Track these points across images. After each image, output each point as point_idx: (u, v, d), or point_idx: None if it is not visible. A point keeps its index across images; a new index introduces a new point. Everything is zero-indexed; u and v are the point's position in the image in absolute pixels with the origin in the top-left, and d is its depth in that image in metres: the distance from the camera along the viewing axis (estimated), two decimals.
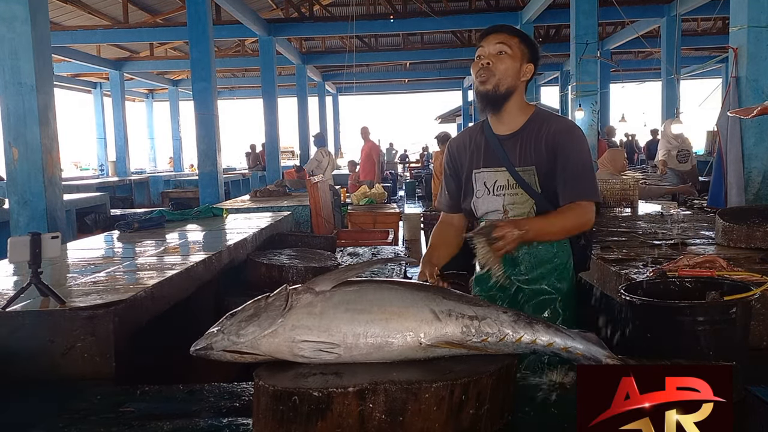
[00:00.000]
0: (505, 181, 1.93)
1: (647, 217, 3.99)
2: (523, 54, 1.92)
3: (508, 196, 1.92)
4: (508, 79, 1.90)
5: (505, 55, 1.89)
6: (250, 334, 1.25)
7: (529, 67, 1.94)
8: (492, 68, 1.89)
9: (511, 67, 1.90)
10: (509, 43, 1.89)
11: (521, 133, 1.93)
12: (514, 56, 1.90)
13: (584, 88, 8.83)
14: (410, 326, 1.25)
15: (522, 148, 1.91)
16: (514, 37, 1.92)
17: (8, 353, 1.86)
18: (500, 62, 1.88)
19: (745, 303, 1.31)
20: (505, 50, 1.89)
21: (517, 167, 1.91)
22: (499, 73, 1.89)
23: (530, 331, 1.26)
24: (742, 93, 4.19)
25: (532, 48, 1.95)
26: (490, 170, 1.98)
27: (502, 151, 1.94)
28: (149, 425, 1.32)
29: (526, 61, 1.93)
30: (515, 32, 1.94)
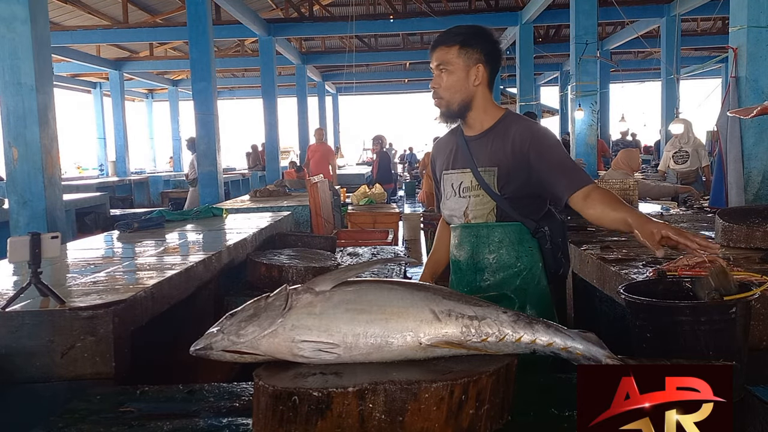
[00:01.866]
0: (470, 183, 1.91)
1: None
2: (467, 60, 1.84)
3: (472, 197, 1.90)
4: (456, 94, 1.85)
5: (445, 72, 1.84)
6: (249, 334, 1.25)
7: (478, 70, 1.85)
8: (437, 90, 1.86)
9: (454, 83, 1.84)
10: (447, 58, 1.83)
11: (488, 134, 1.91)
12: (456, 68, 1.83)
13: (584, 88, 8.83)
14: (410, 326, 1.25)
15: (487, 149, 1.89)
16: (452, 46, 1.84)
17: (8, 353, 1.86)
18: (442, 81, 1.84)
19: (745, 303, 1.31)
20: (445, 66, 1.83)
21: (479, 168, 1.88)
22: (443, 93, 1.85)
23: (530, 331, 1.26)
24: (741, 93, 4.19)
25: (480, 45, 1.85)
26: (457, 171, 1.96)
27: (468, 152, 1.92)
28: (149, 425, 1.32)
29: (473, 65, 1.84)
30: (454, 39, 1.85)
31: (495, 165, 1.86)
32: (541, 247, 1.91)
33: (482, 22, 12.59)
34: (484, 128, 1.91)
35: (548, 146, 1.84)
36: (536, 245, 1.91)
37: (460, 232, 1.97)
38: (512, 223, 1.89)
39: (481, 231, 1.91)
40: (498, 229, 1.89)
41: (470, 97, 1.87)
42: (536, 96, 16.05)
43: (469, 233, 1.93)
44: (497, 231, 1.89)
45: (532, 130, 1.86)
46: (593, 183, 1.78)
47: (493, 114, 1.92)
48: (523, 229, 1.90)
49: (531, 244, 1.90)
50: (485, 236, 1.91)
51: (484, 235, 1.91)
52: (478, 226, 1.91)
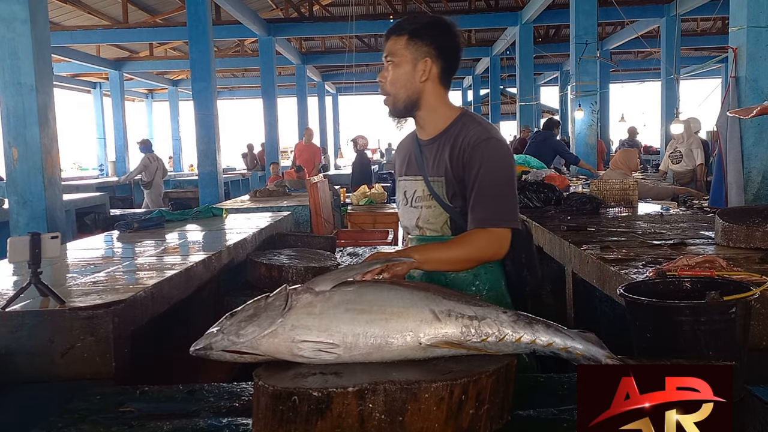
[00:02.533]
0: (422, 192, 1.76)
1: (647, 217, 3.99)
2: (414, 53, 1.68)
3: (424, 208, 1.76)
4: (401, 90, 1.70)
5: (392, 64, 1.69)
6: (249, 334, 1.25)
7: (425, 64, 1.68)
8: (383, 85, 1.72)
9: (399, 76, 1.69)
10: (394, 48, 1.69)
11: (440, 138, 1.74)
12: (401, 61, 1.68)
13: (584, 88, 8.84)
14: (410, 326, 1.24)
15: (437, 155, 1.73)
16: (401, 36, 1.69)
17: (8, 353, 1.86)
18: (388, 74, 1.70)
19: (745, 303, 1.31)
20: (391, 58, 1.69)
21: (430, 177, 1.74)
22: (389, 87, 1.71)
23: (530, 331, 1.26)
24: (741, 93, 4.19)
25: (431, 38, 1.69)
26: (410, 179, 1.82)
27: (421, 158, 1.77)
28: (149, 425, 1.32)
29: (421, 58, 1.68)
30: (404, 29, 1.70)
31: (441, 175, 1.71)
32: (503, 265, 1.76)
33: (482, 22, 12.65)
34: (437, 131, 1.75)
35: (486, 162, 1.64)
36: (497, 263, 1.75)
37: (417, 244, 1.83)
38: None
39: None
40: None
41: (417, 94, 1.71)
42: (536, 96, 16.08)
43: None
44: None
45: (479, 139, 1.66)
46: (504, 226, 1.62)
47: (445, 115, 1.75)
48: None
49: (491, 263, 1.75)
50: None
51: None
52: (434, 240, 1.77)
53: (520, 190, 4.71)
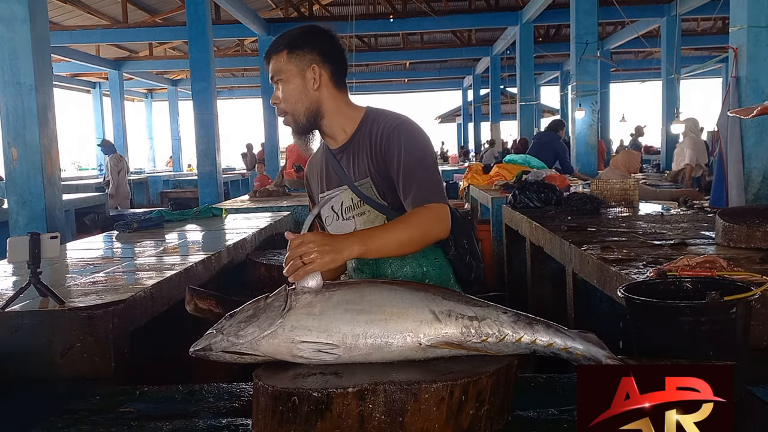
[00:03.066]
0: (350, 201, 1.70)
1: (647, 217, 3.99)
2: (299, 64, 1.63)
3: (358, 217, 1.70)
4: (298, 104, 1.64)
5: (281, 83, 1.64)
6: (249, 335, 1.25)
7: (313, 72, 1.64)
8: (278, 106, 1.66)
9: (292, 92, 1.64)
10: (278, 67, 1.63)
11: (353, 141, 1.70)
12: (288, 76, 1.63)
13: (584, 87, 8.83)
14: (410, 327, 1.24)
15: (356, 158, 1.68)
16: (279, 54, 1.63)
17: (7, 353, 1.86)
18: (282, 93, 1.64)
19: (745, 303, 1.31)
20: (278, 76, 1.64)
21: (355, 182, 1.68)
22: (285, 105, 1.65)
23: (530, 331, 1.25)
24: (742, 93, 4.18)
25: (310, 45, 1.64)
26: (333, 192, 1.75)
27: (339, 166, 1.71)
28: (148, 425, 1.32)
29: (307, 67, 1.63)
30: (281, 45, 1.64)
31: (366, 175, 1.66)
32: (446, 254, 1.72)
33: (482, 21, 12.63)
34: (348, 135, 1.70)
35: (404, 144, 1.61)
36: (441, 253, 1.72)
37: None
38: None
39: None
40: None
41: (315, 103, 1.66)
42: (536, 96, 16.08)
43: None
44: None
45: (391, 127, 1.64)
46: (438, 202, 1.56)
47: (352, 116, 1.71)
48: None
49: (436, 254, 1.72)
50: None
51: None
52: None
53: (520, 190, 4.72)
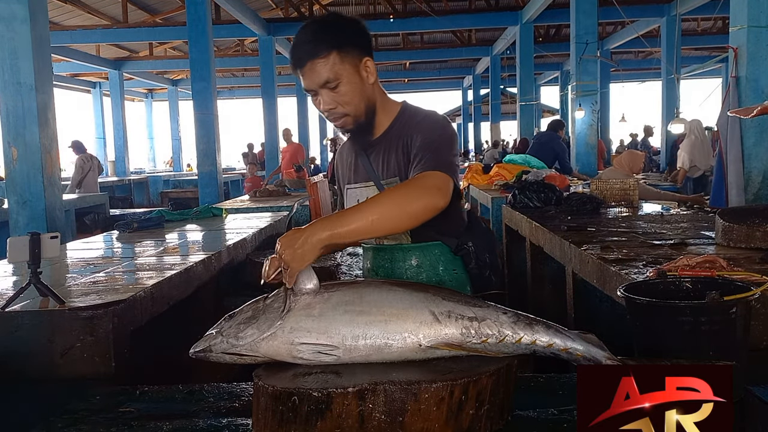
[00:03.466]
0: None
1: (647, 217, 3.99)
2: (351, 61, 1.52)
3: None
4: (360, 102, 1.55)
5: (338, 86, 1.51)
6: (249, 337, 1.25)
7: (367, 66, 1.55)
8: (335, 110, 1.54)
9: (352, 91, 1.53)
10: (330, 71, 1.49)
11: (386, 136, 1.63)
12: (346, 75, 1.51)
13: (584, 87, 8.83)
14: (409, 328, 1.24)
15: (386, 155, 1.62)
16: (327, 56, 1.49)
17: (8, 353, 1.86)
18: (341, 96, 1.52)
19: (745, 303, 1.31)
20: (333, 82, 1.50)
21: (382, 180, 1.62)
22: (346, 108, 1.54)
23: (530, 331, 1.25)
24: (742, 93, 4.19)
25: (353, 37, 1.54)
26: (360, 186, 1.69)
27: (368, 162, 1.65)
28: (149, 425, 1.32)
29: (360, 62, 1.54)
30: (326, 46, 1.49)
31: (395, 175, 1.60)
32: (466, 266, 1.67)
33: (482, 21, 12.62)
34: (382, 129, 1.64)
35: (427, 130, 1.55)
36: (460, 265, 1.67)
37: (373, 256, 1.73)
38: (431, 243, 1.65)
39: (396, 254, 1.67)
40: (416, 252, 1.66)
41: (372, 97, 1.58)
42: (536, 96, 16.08)
43: (383, 257, 1.69)
44: (415, 253, 1.66)
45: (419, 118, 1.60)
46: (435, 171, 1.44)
47: (389, 110, 1.64)
48: (443, 249, 1.66)
49: (455, 265, 1.67)
50: (401, 260, 1.67)
51: (399, 259, 1.67)
52: (392, 249, 1.68)
53: (520, 190, 4.72)
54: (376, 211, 1.35)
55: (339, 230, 1.31)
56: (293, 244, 1.28)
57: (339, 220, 1.34)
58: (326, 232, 1.30)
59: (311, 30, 1.54)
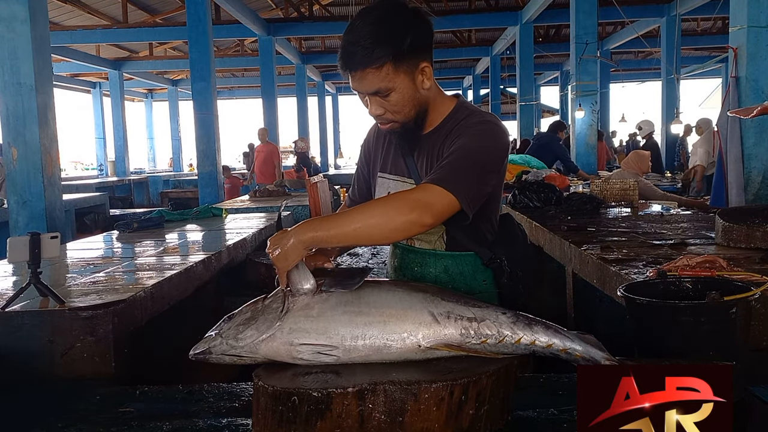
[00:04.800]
0: None
1: (647, 217, 3.99)
2: (408, 69, 1.41)
3: None
4: (411, 111, 1.46)
5: (390, 94, 1.42)
6: (248, 338, 1.25)
7: (424, 73, 1.44)
8: (385, 116, 1.47)
9: (402, 100, 1.43)
10: (382, 83, 1.40)
11: (432, 135, 1.54)
12: (399, 86, 1.41)
13: (584, 87, 8.83)
14: (409, 328, 1.24)
15: (430, 154, 1.53)
16: (385, 63, 1.37)
17: (7, 353, 1.86)
18: (391, 105, 1.44)
19: (745, 303, 1.31)
20: (384, 87, 1.40)
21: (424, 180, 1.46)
22: (395, 115, 1.46)
23: (529, 332, 1.25)
24: (742, 93, 4.19)
25: (412, 36, 1.39)
26: (395, 178, 1.60)
27: (412, 157, 1.56)
28: (149, 425, 1.32)
29: (417, 69, 1.42)
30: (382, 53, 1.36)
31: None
32: (497, 279, 1.60)
33: (482, 21, 12.60)
34: (431, 127, 1.55)
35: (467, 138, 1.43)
36: (491, 277, 1.61)
37: (401, 256, 1.67)
38: (466, 253, 1.59)
39: (427, 259, 1.61)
40: (449, 260, 1.60)
41: (425, 102, 1.49)
42: (536, 96, 16.07)
43: (413, 259, 1.64)
44: (447, 261, 1.60)
45: (479, 119, 1.48)
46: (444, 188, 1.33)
47: (442, 108, 1.54)
48: (476, 260, 1.59)
49: (485, 276, 1.61)
50: (432, 265, 1.61)
51: (431, 264, 1.61)
52: (425, 253, 1.61)
53: (520, 190, 4.71)
54: (360, 220, 1.29)
55: (320, 233, 1.28)
56: (278, 243, 1.27)
57: (324, 223, 1.30)
58: (309, 233, 1.27)
59: (367, 30, 1.37)
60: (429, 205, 1.31)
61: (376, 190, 1.68)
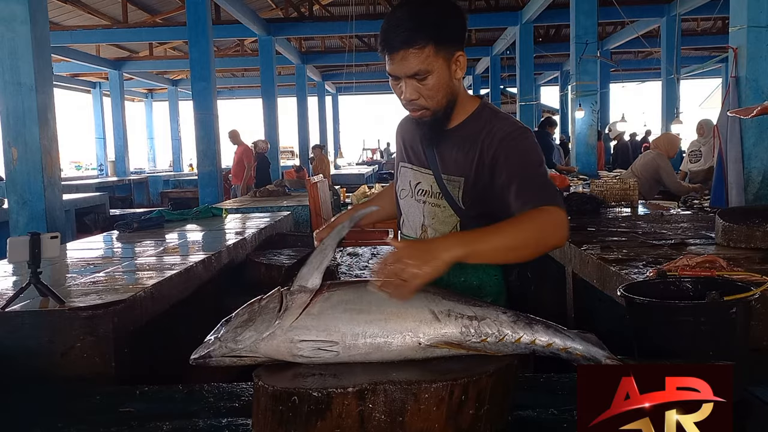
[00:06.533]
0: (429, 187, 1.61)
1: (647, 217, 4.00)
2: (445, 55, 1.45)
3: (429, 205, 1.61)
4: (443, 97, 1.50)
5: (428, 77, 1.45)
6: (247, 339, 1.25)
7: (458, 60, 1.48)
8: (419, 102, 1.49)
9: (438, 85, 1.47)
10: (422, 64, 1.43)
11: (456, 132, 1.57)
12: (436, 71, 1.45)
13: (584, 87, 8.83)
14: (409, 326, 1.24)
15: (454, 152, 1.56)
16: (424, 48, 1.42)
17: (7, 353, 1.86)
18: (426, 90, 1.47)
19: (745, 303, 1.31)
20: (424, 69, 1.43)
21: (444, 174, 1.57)
22: (428, 101, 1.49)
23: (529, 331, 1.25)
24: (741, 93, 4.19)
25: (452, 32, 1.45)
26: (416, 169, 1.65)
27: (433, 151, 1.60)
28: (149, 425, 1.32)
29: (453, 57, 1.47)
30: (425, 36, 1.41)
31: (462, 175, 1.55)
32: (505, 276, 1.64)
33: (482, 21, 12.61)
34: (456, 123, 1.58)
35: (524, 151, 1.48)
36: (500, 272, 1.65)
37: None
38: None
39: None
40: None
41: (456, 92, 1.53)
42: (536, 96, 16.07)
43: None
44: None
45: (504, 132, 1.51)
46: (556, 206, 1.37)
47: (467, 106, 1.59)
48: None
49: (496, 271, 1.64)
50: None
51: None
52: None
53: None
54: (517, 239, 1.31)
55: (478, 248, 1.26)
56: (423, 257, 1.20)
57: (479, 238, 1.29)
58: (463, 249, 1.24)
59: (410, 12, 1.44)
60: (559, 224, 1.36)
61: (398, 179, 1.73)
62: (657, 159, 5.61)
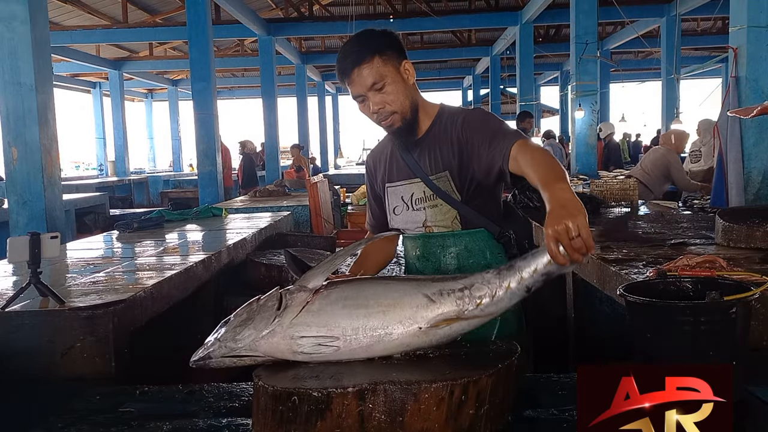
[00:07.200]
0: (422, 193, 1.76)
1: (647, 217, 3.99)
2: (394, 63, 1.66)
3: (428, 209, 1.76)
4: (405, 100, 1.68)
5: (384, 85, 1.64)
6: (247, 338, 1.25)
7: (405, 68, 1.69)
8: (386, 109, 1.67)
9: (397, 90, 1.66)
10: (376, 73, 1.63)
11: (428, 135, 1.75)
12: (389, 77, 1.65)
13: (584, 87, 8.83)
14: (407, 314, 1.27)
15: (432, 153, 1.74)
16: (372, 58, 1.62)
17: (7, 353, 1.86)
18: (387, 95, 1.65)
19: (745, 303, 1.31)
20: (379, 82, 1.63)
21: (430, 176, 1.74)
22: (394, 106, 1.67)
23: (513, 272, 1.31)
24: (742, 93, 4.18)
25: (389, 45, 1.67)
26: (404, 183, 1.81)
27: (413, 159, 1.77)
28: (148, 425, 1.32)
29: (400, 63, 1.67)
30: (367, 51, 1.63)
31: (444, 169, 1.72)
32: (507, 252, 1.77)
33: (482, 22, 12.60)
34: (423, 129, 1.76)
35: (480, 120, 1.69)
36: (503, 250, 1.78)
37: (423, 244, 1.81)
38: (478, 230, 1.76)
39: (447, 240, 1.77)
40: (465, 237, 1.76)
41: (415, 96, 1.72)
42: (536, 96, 16.05)
43: (434, 244, 1.78)
44: (465, 239, 1.76)
45: (463, 114, 1.74)
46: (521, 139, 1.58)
47: (429, 111, 1.78)
48: (488, 235, 1.77)
49: (498, 250, 1.77)
50: (452, 245, 1.77)
51: (450, 245, 1.77)
52: (444, 236, 1.77)
53: (520, 190, 4.71)
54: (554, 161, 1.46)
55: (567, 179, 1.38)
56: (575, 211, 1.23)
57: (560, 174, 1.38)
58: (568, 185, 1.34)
59: (351, 43, 1.68)
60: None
61: (388, 201, 1.86)
62: (667, 155, 5.58)
